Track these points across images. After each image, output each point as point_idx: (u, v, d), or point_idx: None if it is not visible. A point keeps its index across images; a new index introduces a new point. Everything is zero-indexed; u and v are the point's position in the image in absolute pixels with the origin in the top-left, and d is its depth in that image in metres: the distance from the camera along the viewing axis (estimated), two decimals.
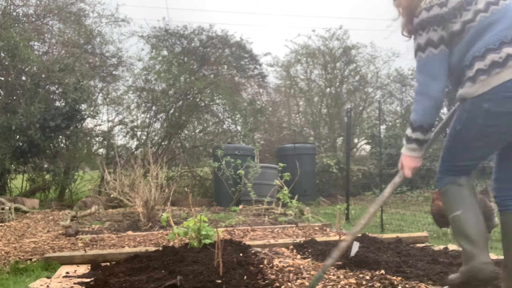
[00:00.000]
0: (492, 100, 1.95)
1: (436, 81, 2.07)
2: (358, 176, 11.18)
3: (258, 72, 12.12)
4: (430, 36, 2.07)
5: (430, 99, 2.08)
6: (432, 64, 2.07)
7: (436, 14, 2.05)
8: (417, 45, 2.11)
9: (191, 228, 3.33)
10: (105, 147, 10.12)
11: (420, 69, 2.10)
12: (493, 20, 2.01)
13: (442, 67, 2.08)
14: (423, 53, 2.08)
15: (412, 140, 2.16)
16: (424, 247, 3.64)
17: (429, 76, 2.07)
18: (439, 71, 2.08)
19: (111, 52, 10.72)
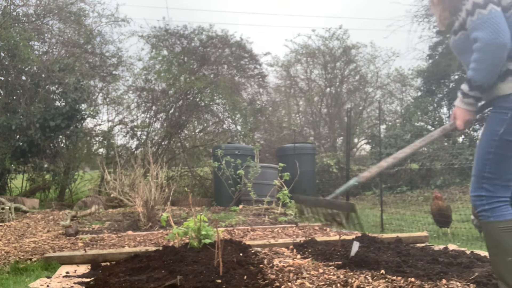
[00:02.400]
0: None
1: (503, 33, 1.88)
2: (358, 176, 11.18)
3: (258, 72, 12.13)
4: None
5: (500, 48, 1.87)
6: (495, 19, 1.88)
7: None
8: (473, 4, 1.92)
9: (191, 228, 3.33)
10: (105, 147, 10.12)
11: (482, 25, 1.89)
12: None
13: (505, 24, 1.89)
14: (484, 9, 1.88)
15: (469, 96, 2.04)
16: (424, 247, 3.63)
17: (496, 29, 1.87)
18: (505, 26, 1.89)
19: (111, 52, 10.74)
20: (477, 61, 1.95)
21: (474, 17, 1.92)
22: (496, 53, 1.89)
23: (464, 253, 3.30)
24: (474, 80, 1.98)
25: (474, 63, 1.96)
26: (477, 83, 1.98)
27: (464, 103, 2.08)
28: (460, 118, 2.11)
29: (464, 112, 2.09)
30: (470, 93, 2.03)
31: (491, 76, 1.96)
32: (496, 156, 1.98)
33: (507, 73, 1.96)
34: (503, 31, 1.87)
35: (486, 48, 1.89)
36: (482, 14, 1.89)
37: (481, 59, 1.93)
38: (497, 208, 1.98)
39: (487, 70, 1.94)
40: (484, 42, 1.89)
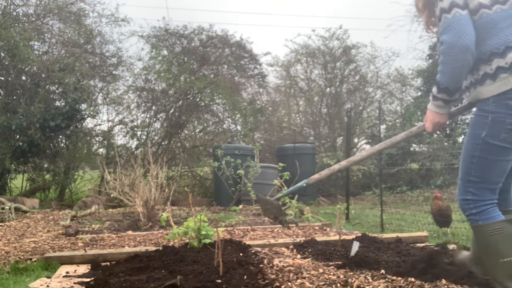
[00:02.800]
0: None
1: (466, 36, 1.90)
2: (358, 176, 11.19)
3: (258, 72, 12.13)
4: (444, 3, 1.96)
5: (462, 50, 1.90)
6: (459, 22, 1.91)
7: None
8: (440, 10, 1.97)
9: (191, 228, 3.33)
10: (105, 147, 10.12)
11: (445, 30, 1.93)
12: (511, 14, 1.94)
13: (471, 27, 1.92)
14: (449, 13, 1.93)
15: (438, 98, 2.09)
16: (424, 247, 3.63)
17: (459, 32, 1.90)
18: (469, 29, 1.91)
19: (111, 52, 10.74)
20: (442, 64, 1.98)
21: (441, 22, 1.97)
22: (458, 56, 1.92)
23: None
24: (441, 82, 2.02)
25: (440, 65, 2.00)
26: (443, 85, 2.02)
27: (434, 105, 2.12)
28: (429, 120, 2.16)
29: (434, 115, 2.14)
30: (438, 95, 2.07)
31: (456, 78, 1.99)
32: (480, 160, 2.01)
33: (484, 77, 1.98)
34: (466, 33, 1.90)
35: (449, 50, 1.93)
36: (447, 18, 1.93)
37: (445, 62, 1.97)
38: (484, 211, 2.00)
39: (451, 72, 1.97)
40: (447, 44, 1.93)
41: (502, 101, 1.93)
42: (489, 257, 2.00)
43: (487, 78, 1.97)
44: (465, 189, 2.05)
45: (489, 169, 2.00)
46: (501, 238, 1.95)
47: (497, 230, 1.96)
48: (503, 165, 2.01)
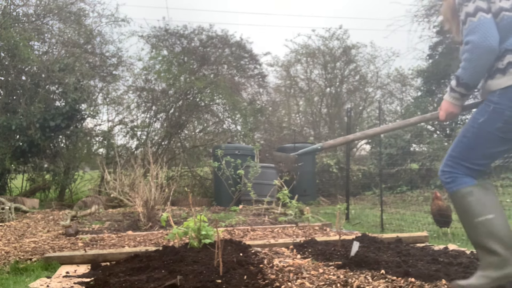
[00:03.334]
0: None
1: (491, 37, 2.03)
2: (358, 176, 11.19)
3: (258, 72, 12.13)
4: (478, 4, 2.07)
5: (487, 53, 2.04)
6: (485, 25, 2.04)
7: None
8: (465, 14, 2.09)
9: (191, 228, 3.33)
10: (105, 147, 10.12)
11: (472, 31, 2.06)
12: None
13: (495, 29, 2.05)
14: (474, 17, 2.05)
15: (455, 91, 2.20)
16: (424, 247, 3.63)
17: (485, 34, 2.03)
18: (494, 31, 2.04)
19: (111, 52, 10.74)
20: (466, 61, 2.11)
21: (466, 25, 2.10)
22: (483, 55, 2.06)
23: (464, 253, 3.30)
24: (462, 77, 2.14)
25: (463, 62, 2.12)
26: (463, 80, 2.14)
27: (450, 97, 2.24)
28: (444, 109, 2.27)
29: (449, 105, 2.25)
30: (456, 88, 2.18)
31: (477, 76, 2.13)
32: (470, 141, 2.17)
33: (496, 71, 2.10)
34: (491, 35, 2.04)
35: (476, 50, 2.06)
36: (472, 21, 2.07)
37: (470, 59, 2.09)
38: (457, 179, 2.18)
39: (474, 70, 2.10)
40: (474, 44, 2.05)
41: (507, 94, 2.05)
42: (466, 219, 2.14)
43: (497, 72, 2.09)
44: (446, 162, 2.23)
45: (473, 151, 2.15)
46: (473, 200, 2.11)
47: (470, 193, 2.13)
48: (488, 152, 2.15)
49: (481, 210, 2.10)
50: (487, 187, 2.16)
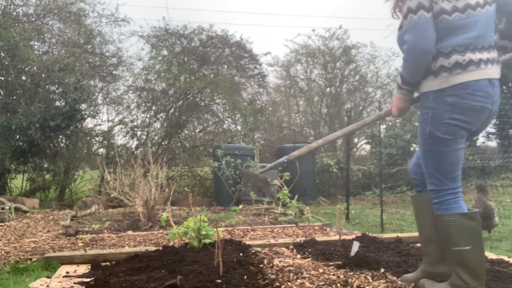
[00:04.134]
0: (455, 95, 2.09)
1: (426, 39, 2.08)
2: (358, 175, 11.18)
3: (258, 72, 12.13)
4: (421, 1, 2.09)
5: (421, 53, 2.09)
6: (423, 25, 2.07)
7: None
8: (407, 9, 2.11)
9: (191, 228, 3.33)
10: (105, 147, 10.12)
11: (411, 29, 2.09)
12: (466, 23, 2.10)
13: (432, 30, 2.09)
14: (415, 14, 2.08)
15: (402, 88, 2.27)
16: None
17: (421, 35, 2.07)
18: (430, 32, 2.08)
19: (111, 52, 10.74)
20: (404, 61, 2.18)
21: (406, 21, 2.12)
22: (418, 57, 2.11)
23: None
24: (403, 76, 2.21)
25: (403, 61, 2.19)
26: (405, 79, 2.21)
27: (399, 93, 2.30)
28: (395, 105, 2.33)
29: (399, 100, 2.31)
30: (402, 86, 2.25)
31: (416, 75, 2.18)
32: (432, 152, 2.19)
33: (428, 72, 2.16)
34: (427, 37, 2.07)
35: (411, 51, 2.11)
36: (412, 19, 2.09)
37: (407, 60, 2.16)
38: (445, 201, 2.17)
39: (412, 70, 2.16)
40: (410, 45, 2.10)
41: (441, 98, 2.11)
42: (446, 243, 2.20)
43: (430, 74, 2.15)
44: (428, 180, 2.23)
45: (441, 160, 2.16)
46: (454, 229, 2.13)
47: (452, 221, 2.14)
48: (452, 155, 2.16)
49: (459, 239, 2.12)
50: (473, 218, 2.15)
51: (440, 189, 2.17)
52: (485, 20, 2.13)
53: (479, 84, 2.08)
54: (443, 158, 2.16)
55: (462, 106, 2.08)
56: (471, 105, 2.08)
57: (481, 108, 2.10)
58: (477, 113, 2.11)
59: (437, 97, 2.12)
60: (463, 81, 2.08)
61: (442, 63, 2.11)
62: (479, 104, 2.09)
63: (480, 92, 2.08)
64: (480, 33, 2.11)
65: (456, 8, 2.10)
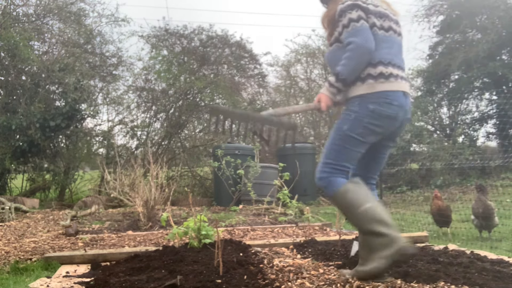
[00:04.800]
0: (375, 103, 2.36)
1: (370, 41, 2.35)
2: None
3: (258, 72, 12.13)
4: (360, 14, 2.38)
5: (366, 54, 2.34)
6: (366, 30, 2.36)
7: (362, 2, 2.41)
8: (349, 19, 2.38)
9: (191, 228, 3.33)
10: (105, 147, 10.12)
11: (357, 33, 2.35)
12: (389, 40, 2.46)
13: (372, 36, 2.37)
14: (358, 23, 2.36)
15: (334, 87, 2.44)
16: (424, 247, 3.63)
17: (365, 39, 2.34)
18: (372, 37, 2.36)
19: (111, 52, 10.75)
20: (347, 58, 2.36)
21: (349, 28, 2.38)
22: (364, 55, 2.35)
23: (464, 253, 3.30)
24: (342, 73, 2.38)
25: (345, 60, 2.36)
26: (343, 76, 2.38)
27: (328, 91, 2.47)
28: (324, 102, 2.50)
29: (327, 98, 2.49)
30: (335, 84, 2.43)
31: (355, 72, 2.39)
32: (338, 147, 2.45)
33: (357, 79, 2.40)
34: (370, 40, 2.35)
35: (358, 49, 2.34)
36: (356, 26, 2.36)
37: (351, 57, 2.35)
38: (333, 181, 2.42)
39: (354, 67, 2.37)
40: (357, 44, 2.34)
41: (364, 104, 2.37)
42: (350, 213, 2.39)
43: (358, 80, 2.40)
44: (323, 169, 2.46)
45: (342, 154, 2.44)
46: (351, 194, 2.37)
47: (347, 191, 2.38)
48: (353, 153, 2.45)
49: (360, 201, 2.34)
50: (358, 182, 2.44)
51: (331, 176, 2.43)
52: (399, 45, 2.52)
53: (396, 94, 2.38)
54: (345, 154, 2.43)
55: (380, 113, 2.36)
56: (387, 113, 2.37)
57: (395, 116, 2.39)
58: (391, 121, 2.40)
59: (361, 103, 2.37)
60: (384, 90, 2.36)
61: (369, 71, 2.38)
62: (394, 112, 2.38)
63: (396, 102, 2.37)
64: (396, 52, 2.47)
65: (383, 27, 2.44)
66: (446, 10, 12.53)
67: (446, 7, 12.47)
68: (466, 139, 11.84)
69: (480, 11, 11.89)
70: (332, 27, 2.55)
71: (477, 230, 4.90)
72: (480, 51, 10.95)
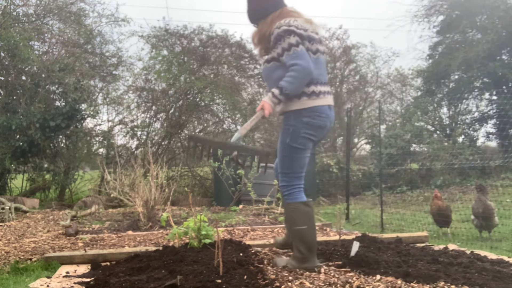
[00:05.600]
0: (308, 116, 2.78)
1: (311, 64, 2.74)
2: (358, 175, 11.17)
3: (258, 72, 12.11)
4: (297, 39, 2.74)
5: (309, 75, 2.74)
6: (306, 55, 2.74)
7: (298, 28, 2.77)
8: (289, 44, 2.72)
9: (191, 228, 3.33)
10: (105, 147, 10.11)
11: (299, 57, 2.71)
12: (317, 62, 2.85)
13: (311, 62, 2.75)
14: (298, 47, 2.72)
15: (277, 98, 2.76)
16: (424, 247, 3.64)
17: (307, 62, 2.72)
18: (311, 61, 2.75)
19: (111, 52, 10.74)
20: (292, 77, 2.71)
21: (291, 52, 2.72)
22: (307, 76, 2.73)
23: (464, 253, 3.30)
24: (286, 88, 2.72)
25: (290, 78, 2.71)
26: (287, 91, 2.72)
27: (271, 101, 2.78)
28: (267, 109, 2.80)
29: (270, 106, 2.79)
30: (278, 96, 2.75)
31: (297, 90, 2.76)
32: (287, 157, 2.86)
33: (294, 96, 2.77)
34: (310, 63, 2.74)
35: (303, 70, 2.70)
36: (297, 50, 2.73)
37: (297, 77, 2.71)
38: (292, 194, 2.87)
39: (297, 85, 2.73)
40: (302, 67, 2.70)
41: (299, 118, 2.79)
42: (290, 226, 2.91)
43: (294, 97, 2.79)
44: (282, 178, 2.90)
45: (293, 163, 2.86)
46: (297, 213, 2.84)
47: (295, 208, 2.85)
48: (301, 159, 2.87)
49: (299, 221, 2.81)
50: (308, 205, 2.87)
51: (290, 185, 2.87)
52: (324, 63, 2.95)
53: (324, 108, 2.83)
54: (295, 162, 2.85)
55: (313, 124, 2.80)
56: (319, 124, 2.81)
57: (324, 126, 2.85)
58: (321, 130, 2.85)
59: (296, 117, 2.80)
60: (315, 105, 2.78)
61: (304, 90, 2.78)
62: (323, 123, 2.83)
63: (324, 114, 2.82)
64: (322, 71, 2.90)
65: (312, 50, 2.83)
66: (446, 10, 12.52)
67: (446, 7, 12.46)
68: (466, 139, 11.84)
69: (480, 11, 11.89)
70: (264, 45, 2.92)
71: (477, 230, 4.90)
72: (480, 51, 10.94)
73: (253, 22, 3.01)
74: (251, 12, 3.00)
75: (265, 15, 2.92)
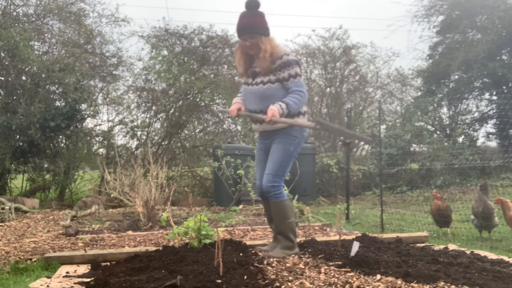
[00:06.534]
0: (305, 131, 3.44)
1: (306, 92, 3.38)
2: (358, 176, 11.17)
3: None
4: (300, 70, 3.30)
5: (307, 98, 3.35)
6: (304, 84, 3.33)
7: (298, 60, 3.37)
8: (295, 73, 3.24)
9: (191, 228, 3.33)
10: (105, 147, 10.11)
11: (303, 86, 3.29)
12: None
13: None
14: (301, 77, 3.30)
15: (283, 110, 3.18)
16: (424, 247, 3.64)
17: (305, 89, 3.32)
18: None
19: (111, 52, 10.73)
20: (297, 100, 3.23)
21: (296, 80, 3.25)
22: (305, 100, 3.31)
23: (464, 253, 3.30)
24: (291, 106, 3.19)
25: (295, 99, 3.21)
26: (291, 108, 3.20)
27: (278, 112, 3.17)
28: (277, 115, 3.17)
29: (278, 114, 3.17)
30: (284, 109, 3.19)
31: (297, 110, 3.27)
32: (286, 163, 3.32)
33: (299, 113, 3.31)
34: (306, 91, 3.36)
35: (305, 97, 3.29)
36: (301, 80, 3.29)
37: (300, 100, 3.25)
38: (281, 193, 3.31)
39: (298, 107, 3.26)
40: (305, 94, 3.29)
41: (301, 131, 3.34)
42: (281, 220, 3.30)
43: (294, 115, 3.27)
44: (274, 179, 3.28)
45: (287, 168, 3.35)
46: (287, 208, 3.32)
47: (285, 204, 3.32)
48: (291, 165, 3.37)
49: (289, 214, 3.32)
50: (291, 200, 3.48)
51: (280, 185, 3.30)
52: None
53: None
54: (288, 167, 3.35)
55: (305, 136, 3.44)
56: (305, 136, 3.44)
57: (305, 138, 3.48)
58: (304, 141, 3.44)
59: (299, 130, 3.33)
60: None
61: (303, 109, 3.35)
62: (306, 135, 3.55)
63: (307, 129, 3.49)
64: None
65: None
66: (446, 10, 12.52)
67: (446, 7, 12.46)
68: (466, 139, 11.83)
69: (480, 11, 11.88)
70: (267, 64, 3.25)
71: (477, 230, 4.90)
72: (480, 51, 10.94)
73: (251, 33, 3.24)
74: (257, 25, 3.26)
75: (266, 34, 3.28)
